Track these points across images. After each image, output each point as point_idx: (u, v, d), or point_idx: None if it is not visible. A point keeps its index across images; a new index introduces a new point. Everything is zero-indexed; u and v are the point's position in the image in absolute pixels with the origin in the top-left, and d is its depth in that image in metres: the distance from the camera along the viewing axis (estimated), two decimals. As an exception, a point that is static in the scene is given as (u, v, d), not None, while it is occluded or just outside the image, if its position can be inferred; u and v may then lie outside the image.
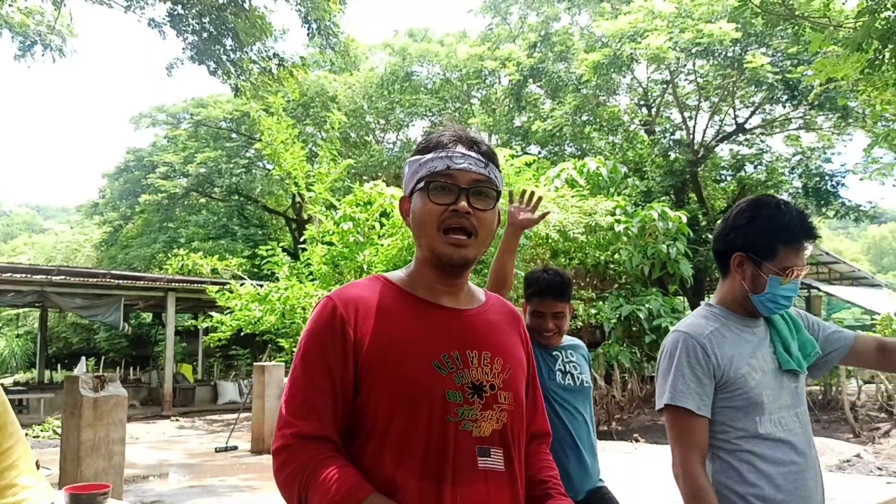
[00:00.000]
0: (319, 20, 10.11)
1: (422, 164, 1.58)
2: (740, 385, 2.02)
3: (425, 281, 1.61)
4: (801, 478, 2.01)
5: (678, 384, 2.04)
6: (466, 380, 1.50)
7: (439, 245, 1.55)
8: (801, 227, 2.04)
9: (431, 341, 1.52)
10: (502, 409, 1.53)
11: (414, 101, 24.93)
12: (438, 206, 1.55)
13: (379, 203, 14.80)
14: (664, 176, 18.65)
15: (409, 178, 1.62)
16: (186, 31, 9.60)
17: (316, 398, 1.48)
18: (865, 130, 17.07)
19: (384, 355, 1.48)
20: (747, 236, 2.08)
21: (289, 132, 17.78)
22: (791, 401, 2.07)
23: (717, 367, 2.03)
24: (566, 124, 19.66)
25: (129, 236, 28.59)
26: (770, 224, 2.05)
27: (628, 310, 13.46)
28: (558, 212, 13.07)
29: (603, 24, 18.78)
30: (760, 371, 2.04)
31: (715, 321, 2.12)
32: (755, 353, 2.07)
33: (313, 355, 1.51)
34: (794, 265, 2.03)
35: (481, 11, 25.96)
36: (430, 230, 1.56)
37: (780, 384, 2.06)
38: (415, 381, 1.46)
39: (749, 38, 17.31)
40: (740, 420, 2.02)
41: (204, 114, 27.28)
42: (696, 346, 2.05)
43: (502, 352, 1.59)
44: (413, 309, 1.56)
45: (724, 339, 2.07)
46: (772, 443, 2.01)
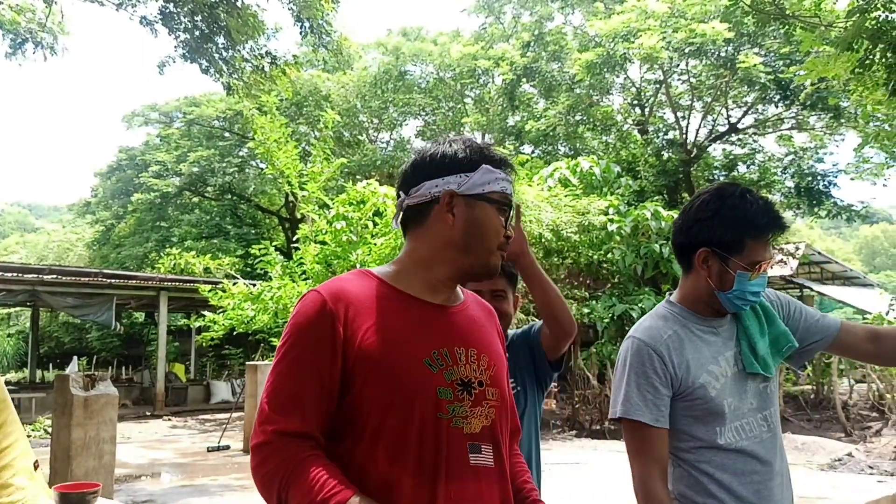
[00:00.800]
0: (312, 18, 10.09)
1: (498, 178, 1.61)
2: (700, 395, 1.89)
3: (427, 277, 1.59)
4: (765, 487, 1.90)
5: (632, 396, 1.91)
6: (456, 377, 1.50)
7: (494, 259, 1.61)
8: (768, 218, 1.91)
9: (421, 338, 1.51)
10: (490, 405, 1.54)
11: (407, 100, 24.92)
12: (502, 228, 1.60)
13: (372, 202, 14.78)
14: (657, 175, 18.69)
15: (480, 183, 1.59)
16: (178, 29, 9.56)
17: (301, 394, 1.45)
18: (857, 131, 17.11)
19: (376, 353, 1.46)
20: (713, 229, 1.93)
21: (282, 131, 17.75)
22: (758, 403, 1.95)
23: (674, 375, 1.90)
24: (559, 124, 19.68)
25: (122, 235, 28.50)
26: (736, 216, 1.91)
27: (621, 309, 13.49)
28: (551, 211, 13.08)
29: (596, 23, 18.81)
30: (722, 377, 1.92)
31: (674, 323, 1.98)
32: (716, 357, 1.94)
33: (300, 350, 1.47)
34: (763, 258, 1.91)
35: (475, 11, 25.97)
36: (490, 245, 1.59)
37: (744, 388, 1.94)
38: (408, 379, 1.46)
39: (742, 38, 17.36)
40: (700, 429, 1.91)
41: (197, 112, 27.22)
42: (651, 355, 1.92)
43: (486, 348, 1.60)
44: (401, 305, 1.54)
45: (682, 343, 1.94)
46: (733, 453, 1.89)
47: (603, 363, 13.06)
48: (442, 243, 1.59)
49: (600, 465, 8.87)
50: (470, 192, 1.58)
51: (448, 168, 1.60)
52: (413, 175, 1.63)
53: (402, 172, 1.68)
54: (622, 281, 14.61)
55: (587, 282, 14.87)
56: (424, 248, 1.60)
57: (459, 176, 1.59)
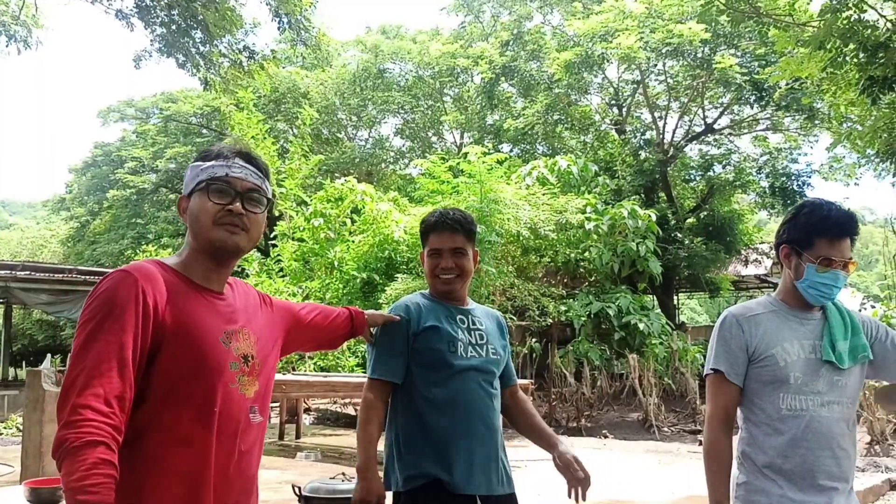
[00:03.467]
0: (290, 14, 10.05)
1: (203, 169, 1.86)
2: (769, 362, 2.28)
3: (200, 268, 1.85)
4: (813, 455, 2.23)
5: (717, 352, 2.35)
6: (240, 352, 1.83)
7: (213, 233, 1.82)
8: (836, 222, 2.29)
9: (213, 319, 1.80)
10: (258, 373, 1.88)
11: (386, 98, 24.86)
12: (216, 206, 1.83)
13: (350, 199, 14.76)
14: (634, 175, 18.79)
15: (190, 180, 1.88)
16: (154, 23, 9.48)
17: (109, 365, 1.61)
18: (831, 132, 17.33)
19: (181, 329, 1.72)
20: (790, 230, 2.37)
21: (259, 127, 17.69)
22: (827, 390, 2.28)
23: (748, 341, 2.31)
24: (538, 123, 19.74)
25: (97, 232, 28.17)
26: (808, 219, 2.32)
27: (598, 307, 13.56)
28: (529, 209, 13.12)
29: (575, 23, 18.88)
30: (795, 355, 2.28)
31: (763, 308, 2.39)
32: (795, 340, 2.31)
33: (112, 322, 1.64)
34: (831, 256, 2.27)
35: (454, 9, 25.94)
36: (205, 224, 1.82)
37: (817, 373, 2.28)
38: (210, 355, 1.75)
39: (718, 39, 17.50)
40: (767, 395, 2.29)
41: (174, 109, 26.98)
42: (733, 322, 2.35)
43: (253, 328, 1.92)
44: (192, 291, 1.81)
45: (763, 321, 2.34)
46: (790, 419, 2.26)
47: (580, 361, 13.10)
48: (190, 239, 1.88)
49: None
50: (187, 192, 1.89)
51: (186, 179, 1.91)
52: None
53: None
54: (599, 279, 14.69)
55: (564, 280, 14.94)
56: (188, 245, 1.89)
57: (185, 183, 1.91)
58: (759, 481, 2.27)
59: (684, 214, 19.70)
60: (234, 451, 1.79)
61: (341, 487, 2.86)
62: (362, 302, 13.54)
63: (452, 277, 2.65)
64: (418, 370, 2.56)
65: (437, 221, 2.68)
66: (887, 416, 9.92)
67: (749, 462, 2.31)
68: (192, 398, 1.72)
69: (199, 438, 1.71)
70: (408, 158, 27.09)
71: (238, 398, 1.80)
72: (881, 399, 2.36)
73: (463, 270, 2.65)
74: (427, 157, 15.90)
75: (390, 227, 13.58)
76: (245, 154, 1.93)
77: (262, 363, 1.91)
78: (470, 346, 2.60)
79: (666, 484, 7.35)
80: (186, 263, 1.85)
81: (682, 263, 17.87)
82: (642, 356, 12.76)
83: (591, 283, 14.86)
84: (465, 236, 2.68)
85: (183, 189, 1.91)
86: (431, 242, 2.69)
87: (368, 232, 13.88)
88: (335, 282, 13.97)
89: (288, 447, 10.27)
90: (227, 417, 1.77)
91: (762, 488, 2.26)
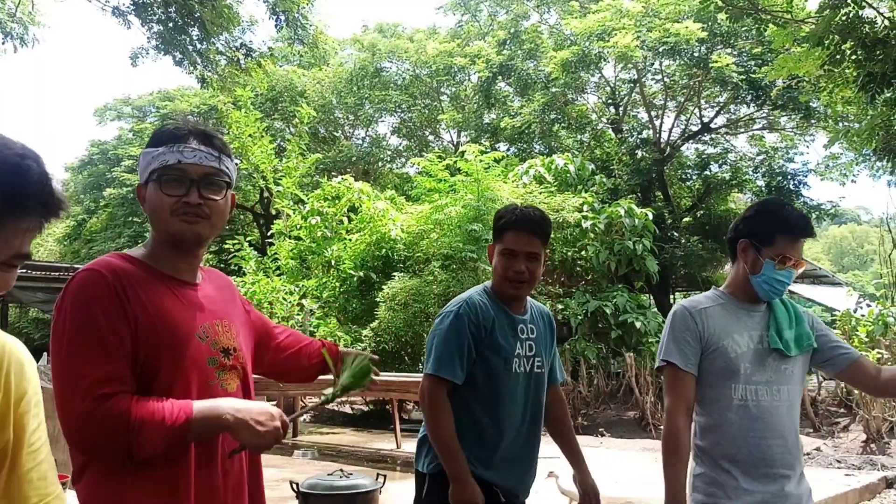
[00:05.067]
0: (288, 12, 10.03)
1: (154, 157, 1.72)
2: (720, 353, 2.34)
3: (168, 259, 1.75)
4: (765, 443, 2.29)
5: (668, 345, 2.40)
6: (219, 346, 1.73)
7: (173, 225, 1.71)
8: (797, 222, 2.37)
9: (188, 313, 1.70)
10: (240, 365, 1.78)
11: (383, 97, 24.84)
12: (171, 198, 1.70)
13: (347, 198, 14.75)
14: (631, 174, 18.80)
15: (143, 168, 1.75)
16: (151, 21, 9.46)
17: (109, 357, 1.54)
18: (827, 131, 17.34)
19: (155, 327, 1.61)
20: (752, 225, 2.43)
21: (257, 126, 17.64)
22: (775, 378, 2.35)
23: (701, 332, 2.36)
24: (535, 122, 19.73)
25: (93, 230, 28.12)
26: (771, 216, 2.39)
27: (595, 305, 13.55)
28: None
29: (572, 22, 18.87)
30: (744, 346, 2.35)
31: (713, 301, 2.46)
32: (743, 331, 2.38)
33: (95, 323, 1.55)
34: (790, 254, 2.34)
35: (451, 8, 25.93)
36: (163, 216, 1.71)
37: (764, 361, 2.35)
38: (187, 352, 1.65)
39: (715, 38, 17.50)
40: (719, 386, 2.34)
41: (171, 107, 26.92)
42: (685, 314, 2.41)
43: (231, 317, 1.83)
44: (164, 284, 1.70)
45: (713, 314, 2.40)
46: (741, 409, 2.31)
47: (577, 359, 13.11)
48: (153, 231, 1.77)
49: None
50: (142, 181, 1.76)
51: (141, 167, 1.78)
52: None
53: None
54: (596, 278, 14.68)
55: (561, 278, 14.93)
56: (153, 237, 1.78)
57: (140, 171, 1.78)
58: (715, 473, 2.32)
59: (681, 213, 19.72)
60: (217, 454, 1.68)
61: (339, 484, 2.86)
62: (359, 300, 13.54)
63: (522, 284, 2.60)
64: (474, 372, 2.58)
65: (518, 220, 2.59)
66: (883, 415, 9.93)
67: (704, 454, 2.37)
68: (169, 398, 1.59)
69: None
70: (405, 157, 27.07)
71: (219, 395, 1.69)
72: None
73: (533, 277, 2.60)
74: (424, 155, 15.89)
75: (387, 226, 13.57)
76: (200, 133, 1.76)
77: (243, 353, 1.82)
78: (522, 358, 2.63)
79: (662, 482, 7.35)
80: (154, 254, 1.75)
81: (679, 262, 17.88)
82: (639, 355, 12.76)
83: (587, 281, 14.86)
84: (542, 240, 2.64)
85: (139, 177, 1.78)
86: (507, 241, 2.59)
87: (365, 230, 13.85)
88: (332, 280, 13.96)
89: (285, 445, 10.26)
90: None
91: (718, 480, 2.31)
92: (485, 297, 2.64)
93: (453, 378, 2.52)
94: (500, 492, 2.56)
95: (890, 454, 9.28)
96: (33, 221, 1.24)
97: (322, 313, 13.75)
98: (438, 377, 2.52)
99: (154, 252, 1.75)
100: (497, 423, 2.57)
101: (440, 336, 2.56)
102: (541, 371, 2.69)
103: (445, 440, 2.47)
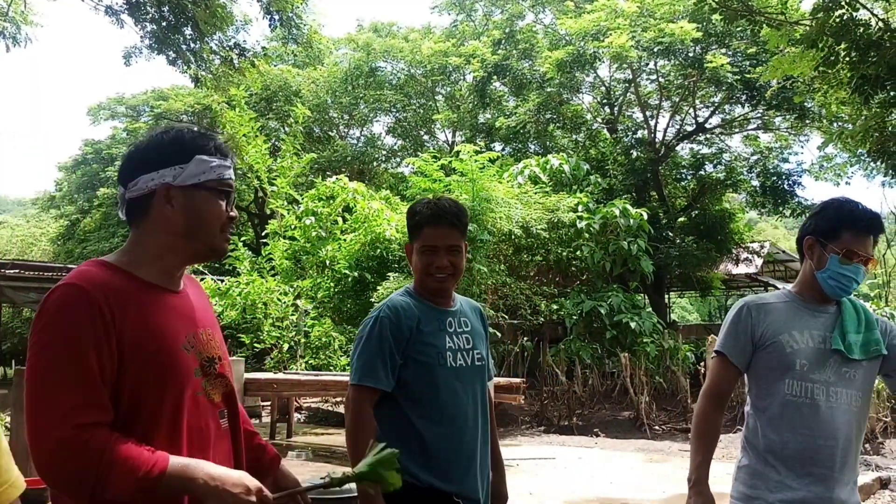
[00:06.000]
0: (282, 11, 10.00)
1: (213, 167, 1.68)
2: (776, 347, 2.32)
3: (163, 267, 1.68)
4: (814, 443, 2.25)
5: (723, 336, 2.42)
6: (203, 356, 1.67)
7: (219, 242, 1.71)
8: (864, 217, 2.33)
9: (173, 323, 1.63)
10: (224, 374, 1.73)
11: (378, 96, 24.81)
12: (223, 211, 1.70)
13: (342, 198, 14.73)
14: (626, 174, 18.81)
15: (195, 174, 1.67)
16: (145, 20, 9.42)
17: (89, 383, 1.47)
18: (821, 131, 17.39)
19: (144, 342, 1.55)
20: (817, 222, 2.39)
21: (251, 125, 17.61)
22: (834, 379, 2.30)
23: (755, 326, 2.36)
24: (530, 121, 19.72)
25: (87, 230, 28.03)
26: (838, 212, 2.35)
27: (590, 305, 13.56)
28: (521, 208, 13.11)
29: (567, 22, 18.87)
30: (802, 343, 2.31)
31: (777, 299, 2.45)
32: (805, 330, 2.34)
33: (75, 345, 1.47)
34: (857, 249, 2.29)
35: (446, 8, 25.94)
36: (213, 229, 1.69)
37: (825, 362, 2.30)
38: (173, 366, 1.59)
39: (709, 39, 17.52)
40: (773, 380, 2.33)
41: (165, 106, 26.84)
42: (744, 308, 2.40)
43: (213, 325, 1.79)
44: (148, 293, 1.63)
45: (774, 310, 2.38)
46: (794, 405, 2.28)
47: (571, 360, 13.11)
48: (167, 233, 1.67)
49: (568, 461, 8.92)
50: (186, 184, 1.66)
51: (162, 161, 1.67)
52: (129, 169, 1.70)
53: (120, 165, 1.76)
54: (591, 278, 14.68)
55: (556, 278, 14.94)
56: (152, 239, 1.68)
57: (174, 168, 1.67)
58: (760, 466, 2.30)
59: (675, 213, 19.73)
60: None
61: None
62: (354, 300, 13.52)
63: (446, 276, 2.52)
64: (405, 376, 2.48)
65: (434, 214, 2.51)
66: (877, 415, 9.95)
67: (751, 446, 2.36)
68: (159, 415, 1.55)
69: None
70: (400, 157, 27.06)
71: (205, 406, 1.65)
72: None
73: (457, 269, 2.53)
74: (419, 155, 15.87)
75: (382, 226, 13.55)
76: (230, 151, 1.78)
77: (227, 362, 1.77)
78: (458, 352, 2.52)
79: (657, 482, 7.36)
80: (137, 262, 1.65)
81: (674, 262, 17.89)
82: (634, 355, 12.76)
83: (582, 281, 14.86)
84: (461, 231, 2.56)
85: (174, 177, 1.66)
86: (426, 238, 2.52)
87: (360, 230, 13.84)
88: (326, 280, 13.94)
89: (279, 446, 10.23)
90: (196, 430, 1.61)
91: (761, 473, 2.29)
92: (407, 297, 2.56)
93: (378, 385, 2.42)
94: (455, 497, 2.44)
95: (884, 454, 9.30)
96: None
97: (316, 314, 13.73)
98: (362, 386, 2.43)
99: (138, 259, 1.65)
100: (440, 423, 2.45)
101: (361, 345, 2.48)
102: (482, 364, 2.59)
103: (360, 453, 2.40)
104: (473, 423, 2.53)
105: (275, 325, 13.32)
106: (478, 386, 2.59)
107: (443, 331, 2.52)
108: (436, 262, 2.50)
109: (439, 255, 2.50)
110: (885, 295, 16.65)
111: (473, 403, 2.54)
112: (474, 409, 2.54)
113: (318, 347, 13.36)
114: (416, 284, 2.61)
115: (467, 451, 2.50)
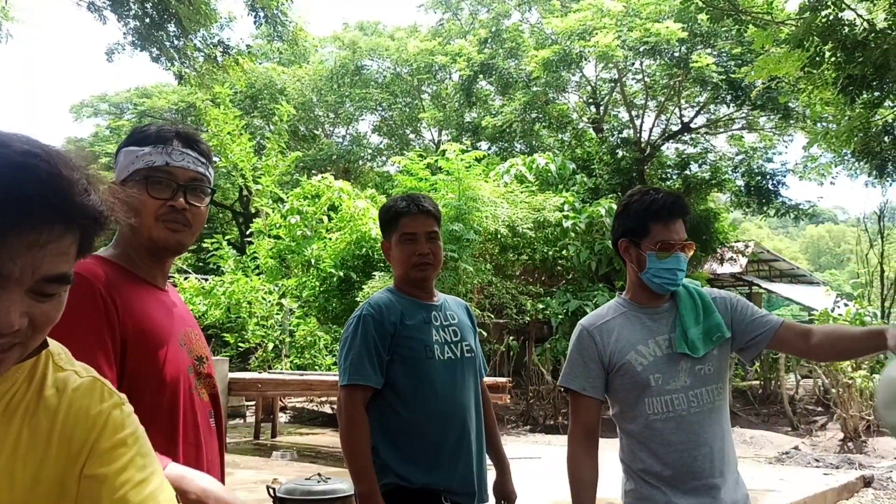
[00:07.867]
0: (267, 8, 9.93)
1: (139, 156, 1.63)
2: (627, 369, 2.20)
3: (144, 264, 1.67)
4: (689, 455, 2.16)
5: (568, 369, 2.29)
6: (194, 354, 1.68)
7: (156, 231, 1.63)
8: (666, 204, 2.23)
9: (169, 320, 1.64)
10: (211, 375, 1.74)
11: (364, 95, 24.75)
12: (156, 201, 1.62)
13: (327, 196, 14.66)
14: (612, 173, 18.84)
15: (124, 166, 1.65)
16: (128, 16, 9.31)
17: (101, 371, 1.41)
18: (805, 132, 17.50)
19: (143, 335, 1.54)
20: (624, 222, 2.29)
21: (235, 123, 17.51)
22: (690, 382, 2.20)
23: (601, 352, 2.24)
24: (516, 121, 19.73)
25: (70, 228, 27.80)
26: (639, 206, 2.25)
27: (575, 305, 13.56)
28: (507, 207, 13.10)
29: (553, 21, 18.88)
30: (650, 356, 2.21)
31: (614, 312, 2.31)
32: (648, 339, 2.23)
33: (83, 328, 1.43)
34: (669, 239, 2.21)
35: (432, 6, 25.90)
36: (146, 220, 1.62)
37: (676, 367, 2.20)
38: (172, 361, 1.59)
39: (695, 39, 17.58)
40: (632, 402, 2.22)
41: (148, 104, 26.65)
42: (584, 335, 2.28)
43: (196, 327, 1.79)
44: (142, 290, 1.63)
45: (615, 327, 2.26)
46: (660, 423, 2.18)
47: (557, 359, 13.11)
48: (126, 231, 1.66)
49: (554, 460, 8.91)
50: (120, 180, 1.63)
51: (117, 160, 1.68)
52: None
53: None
54: (577, 277, 14.70)
55: (542, 278, 14.94)
56: (123, 237, 1.68)
57: (115, 169, 1.68)
58: (644, 488, 2.22)
59: (661, 213, 19.77)
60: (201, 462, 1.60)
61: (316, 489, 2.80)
62: (339, 300, 13.46)
63: (429, 265, 2.54)
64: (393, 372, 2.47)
65: (409, 205, 2.55)
66: (860, 414, 10.01)
67: (629, 470, 2.28)
68: (157, 410, 1.53)
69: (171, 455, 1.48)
70: (385, 156, 27.00)
71: (199, 404, 1.65)
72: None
73: (437, 258, 2.55)
74: (405, 154, 15.83)
75: (368, 225, 13.50)
76: (185, 136, 1.69)
77: (211, 361, 1.78)
78: (446, 345, 2.52)
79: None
80: (128, 257, 1.66)
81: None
82: (619, 354, 12.78)
83: (568, 280, 14.88)
84: (437, 220, 2.59)
85: (115, 175, 1.66)
86: (405, 227, 2.53)
87: (345, 229, 13.77)
88: (312, 279, 13.87)
89: (264, 446, 10.16)
90: (192, 426, 1.61)
91: (647, 496, 2.21)
92: (388, 294, 2.57)
93: (368, 382, 2.41)
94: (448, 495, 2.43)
95: (867, 453, 9.36)
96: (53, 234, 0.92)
97: (302, 313, 13.67)
98: (353, 386, 2.42)
99: (128, 255, 1.66)
100: (431, 416, 2.45)
101: (347, 345, 2.47)
102: (472, 356, 2.59)
103: (358, 455, 2.37)
104: (466, 415, 2.52)
105: (259, 324, 13.24)
106: (470, 378, 2.58)
107: (428, 324, 2.52)
108: (417, 250, 2.51)
109: (420, 243, 2.52)
110: (868, 294, 16.77)
111: (466, 395, 2.54)
112: (467, 401, 2.54)
113: (303, 347, 13.31)
114: (398, 279, 2.63)
115: (460, 443, 2.49)
